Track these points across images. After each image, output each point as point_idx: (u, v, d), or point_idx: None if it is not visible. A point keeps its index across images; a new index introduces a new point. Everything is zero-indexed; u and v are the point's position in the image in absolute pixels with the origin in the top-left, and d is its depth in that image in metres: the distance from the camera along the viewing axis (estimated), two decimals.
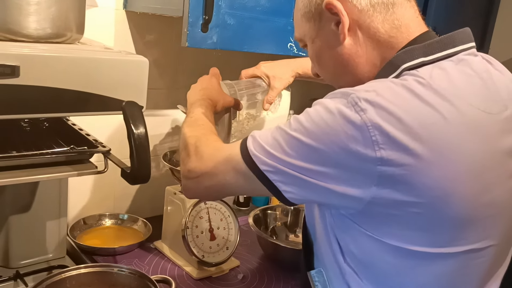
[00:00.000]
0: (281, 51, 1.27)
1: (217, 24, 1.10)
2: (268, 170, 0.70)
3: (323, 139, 0.65)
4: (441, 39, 0.73)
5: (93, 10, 1.27)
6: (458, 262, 0.69)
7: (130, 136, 0.80)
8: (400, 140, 0.62)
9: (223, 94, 1.06)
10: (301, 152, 0.67)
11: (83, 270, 1.01)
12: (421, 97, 0.64)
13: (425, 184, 0.63)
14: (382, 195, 0.64)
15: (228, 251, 1.25)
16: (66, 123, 1.04)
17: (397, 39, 0.74)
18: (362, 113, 0.63)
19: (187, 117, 0.96)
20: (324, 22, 0.77)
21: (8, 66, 0.71)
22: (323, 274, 0.80)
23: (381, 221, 0.68)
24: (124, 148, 0.82)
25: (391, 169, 0.62)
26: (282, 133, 0.70)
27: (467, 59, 0.71)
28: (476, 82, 0.69)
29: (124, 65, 0.85)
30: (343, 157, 0.64)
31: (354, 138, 0.63)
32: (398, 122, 0.62)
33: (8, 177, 0.81)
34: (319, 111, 0.67)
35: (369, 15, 0.74)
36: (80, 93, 0.80)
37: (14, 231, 1.15)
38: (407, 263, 0.69)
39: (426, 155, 0.62)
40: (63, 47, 0.84)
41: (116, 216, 1.45)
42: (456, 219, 0.66)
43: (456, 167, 0.64)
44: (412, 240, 0.67)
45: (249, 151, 0.72)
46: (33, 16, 0.80)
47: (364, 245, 0.71)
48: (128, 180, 0.85)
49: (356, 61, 0.76)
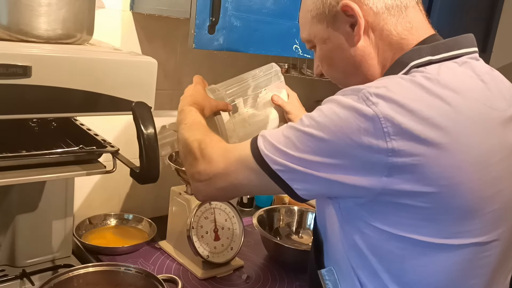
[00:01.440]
0: (287, 53, 1.28)
1: (223, 26, 1.10)
2: (280, 169, 0.71)
3: (335, 132, 0.67)
4: (447, 41, 0.75)
5: (100, 12, 1.27)
6: (463, 255, 0.70)
7: (139, 136, 0.81)
8: (412, 131, 0.63)
9: (209, 99, 1.07)
10: (313, 146, 0.69)
11: (90, 269, 1.02)
12: (430, 91, 0.66)
13: (434, 173, 0.64)
14: (393, 185, 0.66)
15: (233, 251, 1.26)
16: (74, 123, 1.05)
17: (407, 41, 0.76)
18: (373, 107, 0.65)
19: (181, 125, 0.96)
20: (339, 24, 0.78)
21: (20, 67, 0.72)
22: (334, 273, 0.81)
23: (389, 211, 0.69)
24: (130, 148, 0.83)
25: (402, 159, 0.64)
26: (294, 131, 0.72)
27: (470, 62, 0.74)
28: (477, 84, 0.71)
29: (133, 66, 0.86)
30: (355, 148, 0.66)
31: (366, 130, 0.65)
32: (410, 113, 0.64)
33: (18, 176, 0.82)
34: (331, 107, 0.69)
35: (384, 18, 0.75)
36: (90, 93, 0.81)
37: (20, 230, 1.16)
38: (412, 253, 0.70)
39: (442, 142, 0.64)
40: (74, 48, 0.84)
41: (121, 216, 1.45)
42: (461, 209, 0.67)
43: (464, 156, 0.65)
44: (419, 230, 0.68)
45: (260, 151, 0.73)
46: (44, 17, 0.81)
47: (370, 237, 0.72)
48: (137, 180, 0.86)
49: (369, 63, 0.78)
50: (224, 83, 1.15)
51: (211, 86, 1.13)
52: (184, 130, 0.93)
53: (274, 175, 0.72)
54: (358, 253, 0.74)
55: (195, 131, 0.91)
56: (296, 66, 1.66)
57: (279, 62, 1.63)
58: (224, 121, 1.11)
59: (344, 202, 0.74)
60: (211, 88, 1.13)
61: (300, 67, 1.66)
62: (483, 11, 1.86)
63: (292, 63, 1.66)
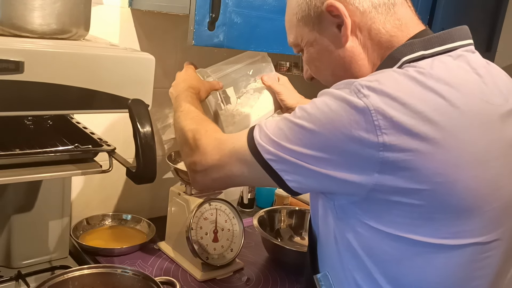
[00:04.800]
0: (288, 50, 1.25)
1: (223, 23, 1.08)
2: (271, 158, 0.71)
3: (325, 125, 0.66)
4: (440, 34, 0.73)
5: (98, 8, 1.26)
6: (463, 256, 0.68)
7: (136, 134, 0.79)
8: (404, 125, 0.62)
9: (202, 81, 1.09)
10: (304, 138, 0.68)
11: (86, 271, 1.00)
12: (424, 84, 0.65)
13: (428, 170, 0.63)
14: (385, 182, 0.64)
15: (233, 253, 1.24)
16: (70, 121, 1.03)
17: (397, 38, 0.75)
18: (365, 99, 0.64)
19: (177, 112, 0.97)
20: (325, 25, 0.77)
21: (12, 62, 0.69)
22: (329, 278, 0.79)
23: (383, 209, 0.67)
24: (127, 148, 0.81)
25: (394, 154, 0.62)
26: (286, 122, 0.71)
27: (465, 55, 0.72)
28: (472, 77, 0.69)
29: (130, 62, 0.83)
30: (346, 142, 0.65)
31: (357, 122, 0.63)
32: (402, 107, 0.62)
33: (11, 175, 0.80)
34: (323, 99, 0.69)
35: (371, 17, 0.74)
36: (85, 90, 0.78)
37: (16, 230, 1.14)
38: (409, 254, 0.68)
39: (435, 138, 0.62)
40: (68, 43, 0.82)
41: (120, 216, 1.44)
42: (459, 208, 0.65)
43: (460, 153, 0.64)
44: (415, 229, 0.67)
45: (255, 141, 0.74)
46: (38, 11, 0.78)
47: (366, 237, 0.70)
48: (133, 180, 0.84)
49: (359, 63, 0.77)
50: (212, 67, 1.16)
51: (200, 70, 1.14)
52: (180, 119, 0.94)
53: (266, 165, 0.72)
54: (353, 254, 0.73)
55: (190, 120, 0.92)
56: (298, 65, 1.65)
57: (281, 61, 1.62)
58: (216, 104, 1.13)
59: (338, 200, 0.72)
60: (200, 71, 1.15)
61: (302, 66, 1.64)
62: (488, 10, 1.85)
63: (294, 61, 1.64)
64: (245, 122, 1.18)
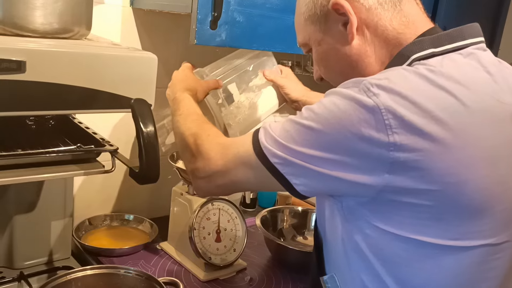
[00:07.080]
0: (290, 49, 1.25)
1: (226, 21, 1.08)
2: (278, 162, 0.69)
3: (334, 125, 0.65)
4: (450, 32, 0.72)
5: (99, 8, 1.25)
6: (472, 258, 0.67)
7: (139, 134, 0.78)
8: (415, 124, 0.61)
9: (199, 81, 1.06)
10: (312, 140, 0.66)
11: (89, 271, 1.00)
12: (435, 82, 0.63)
13: (439, 170, 0.62)
14: (395, 182, 0.63)
15: (236, 253, 1.23)
16: (72, 121, 1.02)
17: (405, 35, 0.73)
18: (374, 97, 0.62)
19: (175, 116, 0.94)
20: (331, 23, 0.76)
21: (14, 61, 0.69)
22: (336, 280, 0.78)
23: (392, 210, 0.66)
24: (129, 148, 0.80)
25: (404, 155, 0.61)
26: (293, 123, 0.70)
27: (476, 53, 0.71)
28: (483, 76, 0.68)
29: (133, 62, 0.83)
30: (355, 142, 0.63)
31: (367, 121, 0.62)
32: (413, 106, 0.61)
33: (13, 176, 0.79)
34: (331, 98, 0.67)
35: (377, 14, 0.73)
36: (87, 90, 0.78)
37: (18, 231, 1.13)
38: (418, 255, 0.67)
39: (445, 138, 0.61)
40: (70, 43, 0.82)
41: (122, 216, 1.43)
42: (469, 208, 0.64)
43: (471, 152, 0.63)
44: (424, 231, 0.66)
45: (260, 144, 0.72)
46: (40, 11, 0.78)
47: (374, 239, 0.69)
48: (136, 180, 0.83)
49: (366, 61, 0.76)
50: (210, 65, 1.14)
51: (198, 70, 1.12)
52: (179, 123, 0.91)
53: (273, 169, 0.70)
54: (360, 255, 0.72)
55: (190, 124, 0.89)
56: (300, 64, 1.64)
57: (283, 60, 1.61)
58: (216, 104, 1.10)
59: (346, 201, 0.71)
60: (198, 71, 1.13)
61: (305, 65, 1.63)
62: (491, 7, 1.84)
63: (296, 60, 1.63)
64: (249, 120, 1.17)
